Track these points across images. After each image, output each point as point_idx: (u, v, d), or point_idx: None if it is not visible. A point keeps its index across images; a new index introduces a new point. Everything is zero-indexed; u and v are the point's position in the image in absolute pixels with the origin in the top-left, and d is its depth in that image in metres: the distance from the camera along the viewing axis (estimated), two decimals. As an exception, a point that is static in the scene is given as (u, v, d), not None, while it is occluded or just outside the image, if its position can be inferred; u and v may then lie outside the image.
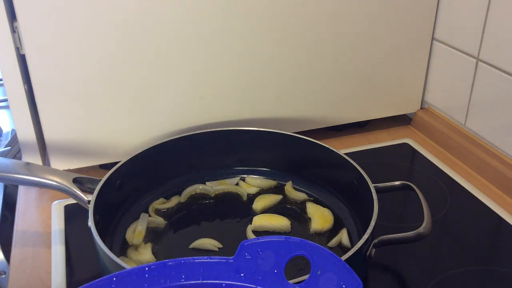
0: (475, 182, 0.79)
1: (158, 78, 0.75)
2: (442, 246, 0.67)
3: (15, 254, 0.67)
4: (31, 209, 0.75)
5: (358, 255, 0.54)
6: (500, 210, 0.72)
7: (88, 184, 0.64)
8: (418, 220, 0.59)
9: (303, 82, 0.82)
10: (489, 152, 0.79)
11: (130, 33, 0.71)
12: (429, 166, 0.83)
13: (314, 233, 0.67)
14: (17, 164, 0.65)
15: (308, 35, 0.79)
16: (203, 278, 0.41)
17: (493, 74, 0.77)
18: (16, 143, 1.03)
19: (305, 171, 0.76)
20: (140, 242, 0.65)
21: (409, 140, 0.89)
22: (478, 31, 0.78)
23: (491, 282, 0.62)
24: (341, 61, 0.83)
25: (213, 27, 0.74)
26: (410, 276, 0.62)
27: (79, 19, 0.68)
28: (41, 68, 0.69)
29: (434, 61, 0.88)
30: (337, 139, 0.90)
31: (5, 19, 0.66)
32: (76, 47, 0.69)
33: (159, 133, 0.78)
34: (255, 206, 0.72)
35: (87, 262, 0.64)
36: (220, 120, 0.81)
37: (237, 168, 0.78)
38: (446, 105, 0.88)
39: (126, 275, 0.40)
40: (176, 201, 0.73)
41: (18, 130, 0.73)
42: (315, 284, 0.39)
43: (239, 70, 0.78)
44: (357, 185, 0.67)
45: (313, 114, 0.86)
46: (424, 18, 0.85)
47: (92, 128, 0.75)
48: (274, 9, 0.76)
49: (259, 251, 0.40)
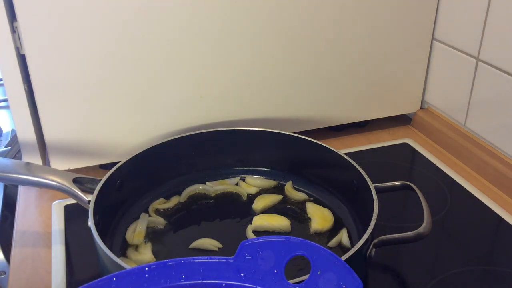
0: (475, 182, 0.79)
1: (158, 78, 0.75)
2: (442, 246, 0.67)
3: (15, 254, 0.67)
4: (31, 209, 0.75)
5: (358, 255, 0.54)
6: (500, 210, 0.72)
7: (88, 184, 0.64)
8: (418, 220, 0.59)
9: (303, 82, 0.82)
10: (489, 152, 0.79)
11: (130, 33, 0.71)
12: (429, 166, 0.83)
13: (314, 233, 0.67)
14: (17, 164, 0.65)
15: (308, 35, 0.79)
16: (203, 278, 0.41)
17: (493, 74, 0.77)
18: (16, 143, 1.03)
19: (305, 171, 0.76)
20: (140, 242, 0.65)
21: (409, 140, 0.89)
22: (478, 31, 0.78)
23: (491, 282, 0.62)
24: (341, 61, 0.83)
25: (214, 27, 0.74)
26: (410, 276, 0.62)
27: (79, 19, 0.68)
28: (41, 68, 0.69)
29: (434, 61, 0.88)
30: (337, 139, 0.90)
31: (5, 19, 0.66)
32: (76, 47, 0.69)
33: (159, 133, 0.78)
34: (255, 206, 0.72)
35: (87, 262, 0.64)
36: (220, 120, 0.81)
37: (237, 168, 0.78)
38: (446, 105, 0.88)
39: (126, 275, 0.40)
40: (176, 201, 0.73)
41: (18, 130, 0.73)
42: (315, 284, 0.39)
43: (239, 70, 0.78)
44: (357, 185, 0.67)
45: (313, 114, 0.86)
46: (424, 18, 0.85)
47: (92, 128, 0.75)
48: (275, 10, 0.76)
49: (259, 251, 0.40)
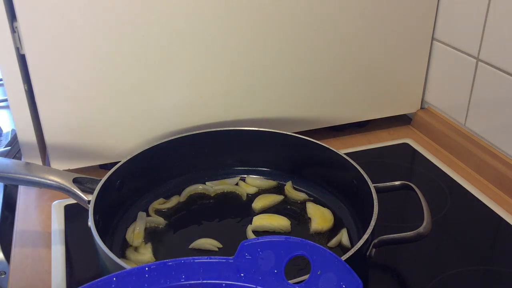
0: (475, 182, 0.79)
1: (158, 78, 0.75)
2: (442, 246, 0.67)
3: (15, 254, 0.67)
4: (31, 209, 0.75)
5: (358, 255, 0.54)
6: (500, 210, 0.72)
7: (88, 184, 0.64)
8: (418, 220, 0.59)
9: (303, 82, 0.82)
10: (489, 152, 0.79)
11: (130, 33, 0.71)
12: (429, 166, 0.83)
13: (314, 233, 0.67)
14: (17, 164, 0.65)
15: (308, 35, 0.79)
16: (203, 278, 0.41)
17: (493, 74, 0.77)
18: (16, 143, 1.03)
19: (305, 171, 0.76)
20: (140, 242, 0.65)
21: (409, 140, 0.89)
22: (478, 31, 0.78)
23: (491, 282, 0.62)
24: (341, 61, 0.83)
25: (213, 27, 0.74)
26: (410, 276, 0.62)
27: (79, 19, 0.68)
28: (41, 68, 0.69)
29: (434, 61, 0.88)
30: (337, 139, 0.90)
31: (5, 19, 0.66)
32: (76, 47, 0.69)
33: (159, 133, 0.78)
34: (254, 204, 0.72)
35: (87, 262, 0.64)
36: (220, 120, 0.81)
37: (237, 168, 0.78)
38: (446, 105, 0.88)
39: (126, 275, 0.40)
40: (176, 201, 0.73)
41: (18, 130, 0.73)
42: (315, 284, 0.39)
43: (239, 70, 0.78)
44: (357, 185, 0.67)
45: (313, 114, 0.86)
46: (424, 18, 0.85)
47: (92, 128, 0.75)
48: (275, 10, 0.76)
49: (259, 251, 0.40)
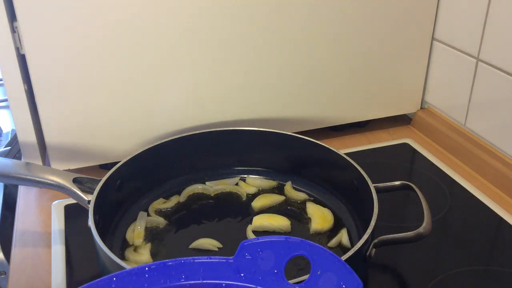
0: (475, 182, 0.79)
1: (158, 78, 0.75)
2: (442, 246, 0.67)
3: (15, 254, 0.67)
4: (31, 209, 0.75)
5: (358, 255, 0.54)
6: (500, 210, 0.72)
7: (88, 184, 0.64)
8: (418, 220, 0.59)
9: (303, 82, 0.82)
10: (489, 152, 0.79)
11: (130, 33, 0.70)
12: (429, 166, 0.83)
13: (314, 233, 0.67)
14: (17, 164, 0.65)
15: (308, 36, 0.79)
16: (203, 278, 0.41)
17: (493, 74, 0.77)
18: (16, 143, 1.03)
19: (305, 171, 0.76)
20: (140, 242, 0.65)
21: (409, 140, 0.89)
22: (478, 31, 0.78)
23: (491, 282, 0.62)
24: (341, 61, 0.83)
25: (213, 27, 0.74)
26: (410, 276, 0.62)
27: (79, 19, 0.68)
28: (41, 68, 0.69)
29: (434, 61, 0.88)
30: (337, 139, 0.90)
31: (5, 19, 0.66)
32: (76, 47, 0.69)
33: (159, 133, 0.78)
34: (254, 204, 0.72)
35: (87, 262, 0.64)
36: (220, 120, 0.81)
37: (237, 168, 0.78)
38: (446, 105, 0.88)
39: (126, 275, 0.40)
40: (176, 201, 0.73)
41: (18, 130, 0.73)
42: (315, 284, 0.39)
43: (239, 70, 0.78)
44: (357, 185, 0.67)
45: (313, 114, 0.86)
46: (424, 18, 0.85)
47: (92, 128, 0.75)
48: (275, 11, 0.76)
49: (259, 251, 0.40)
